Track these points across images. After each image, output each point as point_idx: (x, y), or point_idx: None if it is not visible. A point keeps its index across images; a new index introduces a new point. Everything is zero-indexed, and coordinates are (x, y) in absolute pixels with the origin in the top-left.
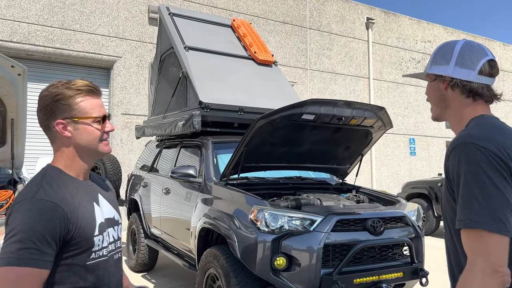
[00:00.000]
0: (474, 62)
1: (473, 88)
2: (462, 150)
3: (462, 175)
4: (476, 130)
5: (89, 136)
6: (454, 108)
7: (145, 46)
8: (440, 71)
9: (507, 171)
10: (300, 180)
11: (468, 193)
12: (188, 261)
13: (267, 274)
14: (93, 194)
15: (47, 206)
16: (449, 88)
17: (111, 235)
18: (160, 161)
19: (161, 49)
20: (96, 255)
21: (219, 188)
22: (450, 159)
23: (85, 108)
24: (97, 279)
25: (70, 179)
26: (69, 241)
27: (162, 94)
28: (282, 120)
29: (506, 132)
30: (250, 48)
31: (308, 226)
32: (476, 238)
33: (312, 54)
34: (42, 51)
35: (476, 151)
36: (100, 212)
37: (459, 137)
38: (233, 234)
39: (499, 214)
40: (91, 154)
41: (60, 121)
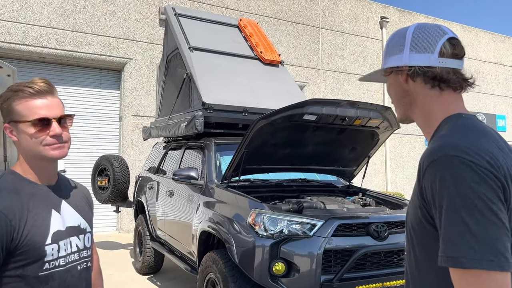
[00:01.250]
0: (432, 44)
1: (436, 73)
2: (444, 166)
3: (447, 199)
4: (458, 137)
5: (28, 140)
6: (420, 103)
7: (155, 47)
8: (395, 61)
9: (501, 189)
10: (304, 182)
11: (457, 222)
12: (191, 265)
13: (265, 280)
14: (54, 200)
15: None
16: (409, 79)
17: (74, 244)
18: (166, 162)
19: (167, 50)
20: (51, 265)
21: (220, 190)
22: (427, 176)
23: (22, 111)
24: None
25: (27, 184)
26: (14, 250)
27: (168, 95)
28: (283, 121)
29: (491, 136)
30: (256, 48)
31: (308, 231)
32: (474, 280)
33: (324, 54)
34: (54, 54)
35: (464, 167)
36: (59, 220)
37: (438, 148)
38: (232, 238)
39: (499, 246)
40: (38, 159)
41: (6, 125)
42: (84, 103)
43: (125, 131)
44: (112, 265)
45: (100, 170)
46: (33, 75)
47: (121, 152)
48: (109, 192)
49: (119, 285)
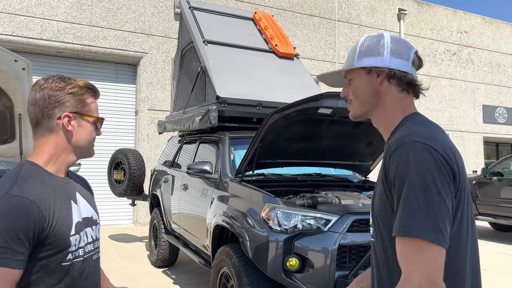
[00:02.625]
0: (407, 52)
1: (409, 79)
2: (409, 150)
3: (408, 177)
4: (419, 128)
5: (88, 135)
6: (387, 103)
7: (171, 41)
8: (375, 62)
9: (450, 175)
10: (319, 177)
11: (411, 197)
12: (205, 258)
13: (279, 275)
14: (71, 192)
15: (21, 203)
16: (385, 81)
17: (89, 235)
18: (181, 156)
19: (182, 44)
20: (73, 256)
21: (234, 184)
22: (393, 158)
23: (93, 107)
24: (73, 280)
25: (48, 176)
26: (43, 240)
27: (183, 89)
28: (298, 115)
29: (442, 131)
30: (271, 41)
31: (323, 226)
32: (415, 248)
33: (340, 47)
34: (71, 48)
35: (425, 152)
36: (77, 211)
37: (404, 135)
38: (245, 232)
39: (441, 224)
40: (82, 153)
41: (68, 114)
42: (100, 98)
43: (141, 125)
44: (127, 257)
45: (116, 164)
46: (50, 69)
47: (137, 146)
48: (125, 186)
49: (134, 278)
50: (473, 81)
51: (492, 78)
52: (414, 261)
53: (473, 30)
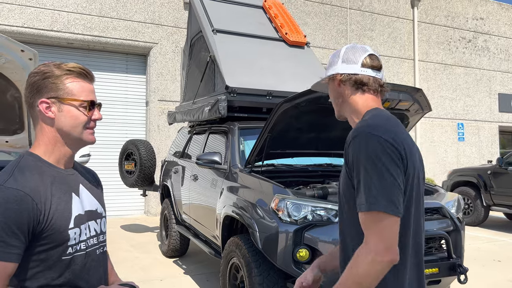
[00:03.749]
0: (357, 57)
1: (358, 79)
2: (362, 139)
3: (362, 163)
4: (374, 121)
5: (73, 120)
6: (349, 101)
7: (180, 32)
8: (332, 71)
9: (399, 158)
10: (330, 167)
11: (366, 179)
12: (215, 249)
13: (289, 266)
14: (73, 184)
15: (15, 195)
16: (341, 83)
17: (92, 229)
18: (191, 147)
19: (191, 33)
20: (73, 250)
21: (243, 175)
22: (351, 147)
23: (73, 90)
24: (74, 274)
25: (48, 167)
26: (40, 233)
27: (192, 80)
28: (308, 104)
29: (395, 122)
30: (281, 29)
31: (333, 217)
32: (373, 219)
33: (352, 35)
34: (81, 39)
35: (374, 141)
36: (79, 204)
37: (360, 127)
38: (255, 223)
39: (393, 198)
40: (73, 141)
41: (44, 100)
42: (110, 89)
43: (152, 116)
44: (139, 247)
45: (127, 155)
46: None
47: (147, 136)
48: (136, 176)
49: (145, 268)
50: (489, 69)
51: (508, 65)
52: (373, 230)
53: (489, 16)
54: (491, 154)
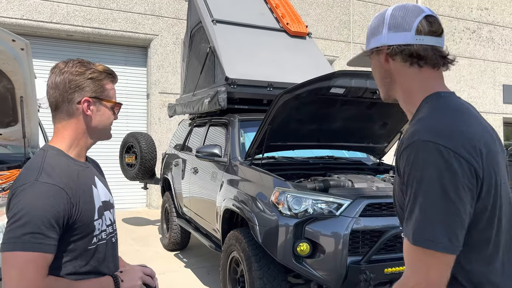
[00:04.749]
0: (409, 22)
1: (413, 51)
2: (417, 151)
3: (416, 182)
4: (435, 120)
5: (105, 119)
6: (400, 81)
7: (181, 23)
8: (375, 42)
9: (471, 175)
10: (332, 160)
11: (417, 203)
12: (215, 242)
13: (289, 261)
14: (91, 176)
15: (52, 190)
16: (389, 59)
17: (108, 218)
18: (191, 139)
19: (191, 24)
20: (97, 239)
21: (243, 168)
22: (402, 157)
23: (110, 92)
24: (98, 262)
25: (71, 161)
26: (72, 225)
27: (192, 71)
28: (309, 95)
29: (467, 113)
30: (283, 19)
31: (335, 210)
32: (419, 255)
33: (355, 26)
34: (81, 31)
35: (436, 153)
36: (98, 196)
37: (415, 132)
38: (255, 217)
39: (450, 233)
40: (100, 136)
41: (87, 99)
42: None
43: (153, 109)
44: (140, 240)
45: (128, 148)
46: (61, 53)
47: (148, 129)
48: (136, 169)
49: (146, 261)
50: (493, 60)
51: None
52: (416, 267)
53: (494, 6)
54: None
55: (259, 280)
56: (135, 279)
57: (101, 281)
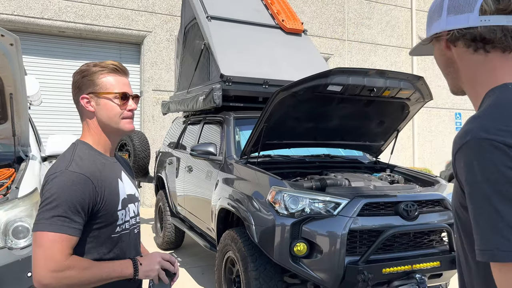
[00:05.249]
0: (470, 2)
1: (476, 34)
2: (472, 151)
3: (475, 187)
4: (493, 117)
5: (109, 112)
6: (464, 70)
7: (175, 20)
8: (435, 28)
9: None
10: (328, 158)
11: (487, 211)
12: (210, 241)
13: (286, 261)
14: (118, 171)
15: (79, 179)
16: (450, 45)
17: (132, 210)
18: (185, 137)
19: (185, 21)
20: (120, 228)
21: (239, 166)
22: (457, 162)
23: (107, 84)
24: (121, 250)
25: (98, 154)
26: (96, 213)
27: (186, 68)
28: (306, 92)
29: None
30: (278, 16)
31: (332, 210)
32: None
33: (350, 24)
34: (73, 28)
35: (494, 151)
36: (123, 188)
37: (468, 131)
38: (251, 216)
39: None
40: (113, 130)
41: (84, 96)
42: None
43: (146, 106)
44: None
45: (121, 146)
46: (53, 50)
47: (142, 127)
48: None
49: None
50: None
51: None
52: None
53: None
54: None
55: (255, 281)
56: (153, 263)
57: (121, 263)
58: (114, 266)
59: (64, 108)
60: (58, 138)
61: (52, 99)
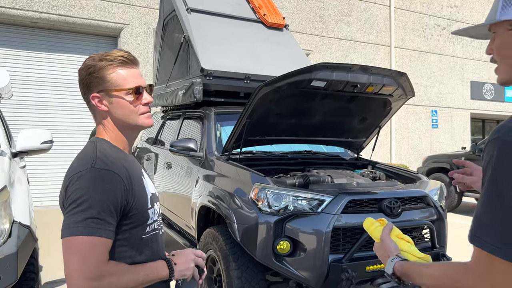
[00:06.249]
0: None
1: None
2: (498, 151)
3: (488, 178)
4: None
5: (124, 109)
6: None
7: (153, 12)
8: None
9: None
10: (310, 154)
11: (486, 202)
12: (190, 240)
13: (269, 259)
14: (138, 168)
15: (109, 176)
16: None
17: (156, 210)
18: (164, 133)
19: (164, 13)
20: (150, 228)
21: (220, 163)
22: (486, 152)
23: (117, 80)
24: (152, 252)
25: (120, 152)
26: (127, 212)
27: (165, 62)
28: (289, 88)
29: None
30: (259, 10)
31: (316, 207)
32: (481, 260)
33: (330, 20)
34: (46, 19)
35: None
36: (147, 186)
37: (500, 128)
38: (232, 214)
39: None
40: (131, 127)
41: (95, 95)
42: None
43: None
44: None
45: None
46: (25, 41)
47: None
48: None
49: None
50: (462, 56)
51: (480, 53)
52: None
53: (463, 4)
54: (463, 140)
55: (236, 280)
56: (188, 262)
57: (156, 265)
58: (151, 269)
59: (37, 102)
60: (30, 133)
61: (24, 92)
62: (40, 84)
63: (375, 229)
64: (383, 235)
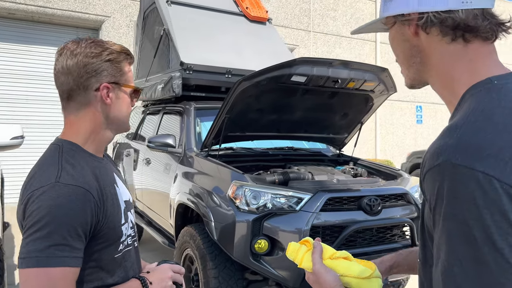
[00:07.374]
0: None
1: (459, 20)
2: (446, 176)
3: (443, 219)
4: (475, 131)
5: (126, 107)
6: (437, 63)
7: (135, 4)
8: (399, 6)
9: None
10: (292, 150)
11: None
12: (169, 238)
13: (246, 259)
14: (111, 174)
15: (77, 193)
16: (420, 31)
17: (130, 220)
18: (144, 128)
19: (144, 5)
20: (123, 246)
21: (199, 159)
22: (426, 183)
23: (130, 76)
24: (126, 272)
25: (89, 158)
26: (98, 232)
27: (145, 55)
28: (269, 83)
29: None
30: (242, 3)
31: (294, 205)
32: None
33: (315, 15)
34: (24, 10)
35: (470, 182)
36: (120, 195)
37: (443, 149)
38: (210, 212)
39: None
40: (119, 127)
41: (107, 85)
42: None
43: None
44: None
45: None
46: (2, 33)
47: None
48: None
49: None
50: None
51: None
52: None
53: None
54: None
55: (214, 279)
56: (165, 279)
57: (129, 286)
58: None
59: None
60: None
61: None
62: (12, 77)
63: (304, 256)
64: (316, 265)
